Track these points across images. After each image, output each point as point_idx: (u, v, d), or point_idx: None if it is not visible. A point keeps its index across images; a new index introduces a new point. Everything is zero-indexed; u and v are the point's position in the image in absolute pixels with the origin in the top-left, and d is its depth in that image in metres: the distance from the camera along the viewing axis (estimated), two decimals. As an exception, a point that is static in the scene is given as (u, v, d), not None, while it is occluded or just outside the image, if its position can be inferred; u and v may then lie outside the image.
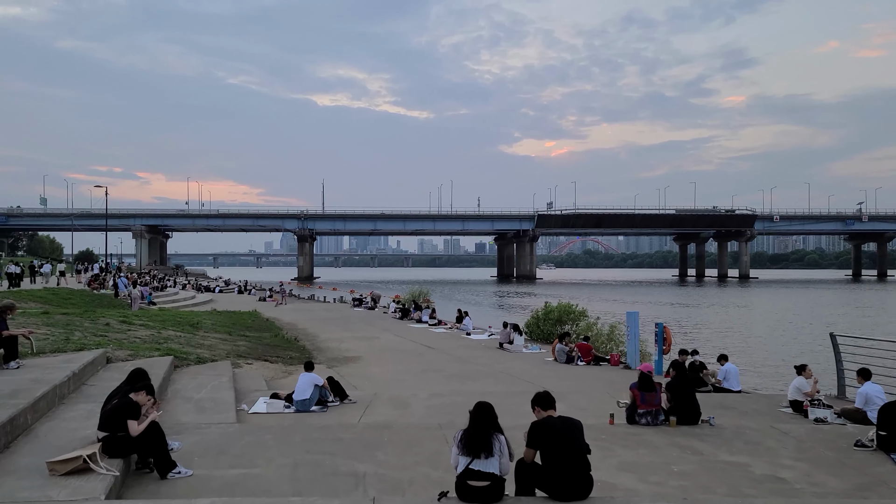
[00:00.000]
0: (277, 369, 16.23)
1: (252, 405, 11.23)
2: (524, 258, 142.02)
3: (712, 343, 28.27)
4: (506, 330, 21.71)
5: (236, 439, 8.24)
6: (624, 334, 21.61)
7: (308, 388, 11.11)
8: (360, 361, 18.38)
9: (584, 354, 18.30)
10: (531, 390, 14.29)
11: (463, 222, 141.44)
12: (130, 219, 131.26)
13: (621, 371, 17.18)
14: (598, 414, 10.94)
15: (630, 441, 8.53)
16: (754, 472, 7.25)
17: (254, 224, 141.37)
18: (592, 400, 12.31)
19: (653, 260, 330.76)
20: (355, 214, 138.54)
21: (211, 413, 9.74)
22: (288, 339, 23.25)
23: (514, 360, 19.09)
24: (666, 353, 16.95)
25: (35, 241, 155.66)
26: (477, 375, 16.04)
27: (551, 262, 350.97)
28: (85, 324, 18.03)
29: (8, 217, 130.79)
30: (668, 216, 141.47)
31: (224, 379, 12.47)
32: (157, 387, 10.36)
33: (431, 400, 12.15)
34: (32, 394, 8.06)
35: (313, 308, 43.65)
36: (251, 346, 19.70)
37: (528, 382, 14.89)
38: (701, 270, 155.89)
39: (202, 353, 16.06)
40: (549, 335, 23.84)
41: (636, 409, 9.38)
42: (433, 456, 7.71)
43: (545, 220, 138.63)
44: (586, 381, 15.39)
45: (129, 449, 6.49)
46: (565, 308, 24.43)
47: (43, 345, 12.51)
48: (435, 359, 19.15)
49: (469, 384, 14.68)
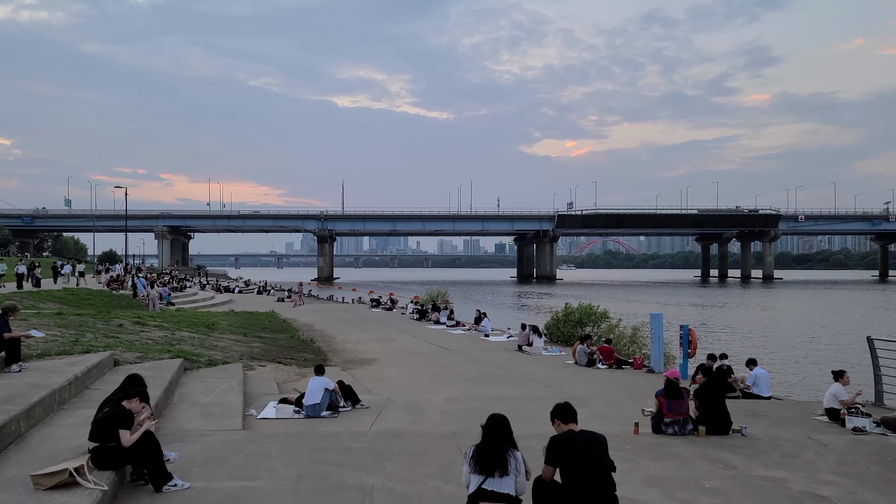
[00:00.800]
0: (291, 372, 15.87)
1: (261, 410, 10.84)
2: (544, 259, 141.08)
3: (738, 346, 27.49)
4: (525, 332, 21.20)
5: (240, 448, 7.84)
6: (647, 337, 21.01)
7: (318, 393, 10.71)
8: (375, 364, 17.98)
9: (605, 358, 17.74)
10: (551, 395, 13.81)
11: (482, 223, 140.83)
12: (152, 220, 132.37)
13: (645, 375, 16.62)
14: (621, 422, 10.42)
15: (656, 452, 8.00)
16: (793, 489, 6.70)
17: (274, 225, 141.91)
18: (615, 406, 11.78)
19: (674, 261, 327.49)
20: (375, 215, 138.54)
21: (216, 419, 9.35)
22: (304, 340, 22.94)
23: (534, 362, 18.58)
24: (691, 356, 16.35)
25: (60, 243, 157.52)
26: (495, 379, 15.56)
27: (571, 262, 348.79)
28: (98, 325, 17.79)
29: (33, 218, 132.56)
30: (690, 216, 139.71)
31: (234, 382, 12.10)
32: (163, 391, 10.03)
33: (447, 405, 11.70)
34: (28, 399, 7.72)
35: (331, 309, 43.40)
36: (266, 348, 19.39)
37: (548, 387, 14.39)
38: (724, 271, 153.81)
39: (215, 356, 15.73)
40: (570, 337, 23.28)
41: (662, 418, 8.84)
42: (446, 467, 7.25)
43: (565, 220, 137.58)
44: (608, 385, 14.85)
45: (120, 460, 6.10)
46: (586, 309, 23.85)
47: (49, 347, 12.23)
48: (452, 361, 18.69)
49: (486, 388, 14.21)
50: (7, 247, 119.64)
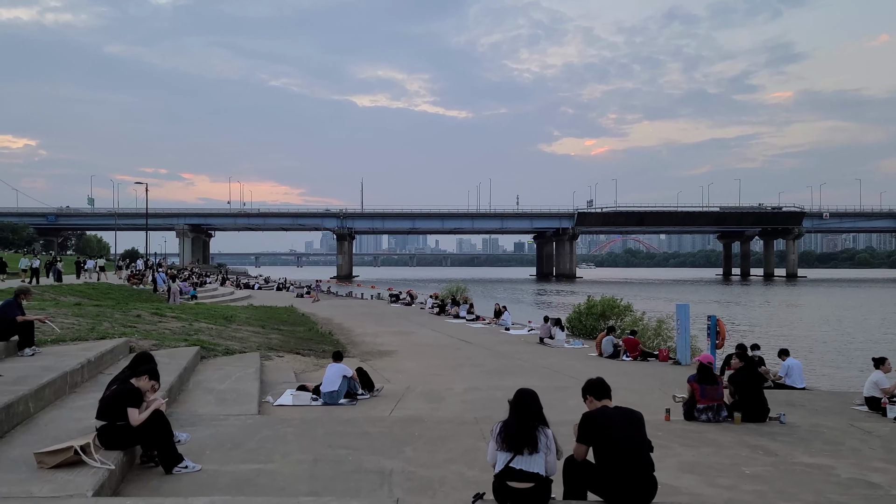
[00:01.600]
0: (309, 362, 15.62)
1: (278, 397, 10.58)
2: (564, 257, 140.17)
3: (766, 340, 26.84)
4: (546, 324, 20.78)
5: (254, 432, 7.56)
6: (672, 329, 20.51)
7: (336, 380, 10.42)
8: (394, 355, 17.68)
9: (630, 350, 17.30)
10: (575, 385, 13.34)
11: (502, 220, 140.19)
12: (174, 218, 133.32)
13: (671, 367, 16.16)
14: (650, 410, 9.96)
15: (690, 439, 7.59)
16: (841, 476, 6.27)
17: (293, 223, 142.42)
18: (643, 396, 11.35)
19: (695, 259, 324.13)
20: (394, 213, 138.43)
21: (231, 404, 9.09)
22: (322, 333, 22.70)
23: (556, 355, 18.18)
24: (719, 347, 15.85)
25: (83, 241, 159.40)
26: (517, 370, 15.19)
27: (591, 261, 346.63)
28: (115, 315, 17.66)
29: (57, 216, 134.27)
30: (712, 214, 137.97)
31: (250, 370, 11.86)
32: (177, 376, 9.79)
33: (467, 394, 11.36)
34: (37, 381, 7.50)
35: (350, 304, 43.21)
36: (284, 339, 19.17)
37: (572, 378, 13.98)
38: (746, 269, 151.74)
39: (232, 345, 15.52)
40: (592, 330, 22.83)
41: (695, 404, 8.42)
42: (468, 452, 6.91)
43: (585, 218, 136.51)
44: (635, 377, 14.41)
45: (129, 440, 5.82)
46: (609, 302, 23.37)
47: (65, 333, 12.07)
48: (472, 353, 18.34)
49: (508, 379, 13.83)
50: (32, 244, 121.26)
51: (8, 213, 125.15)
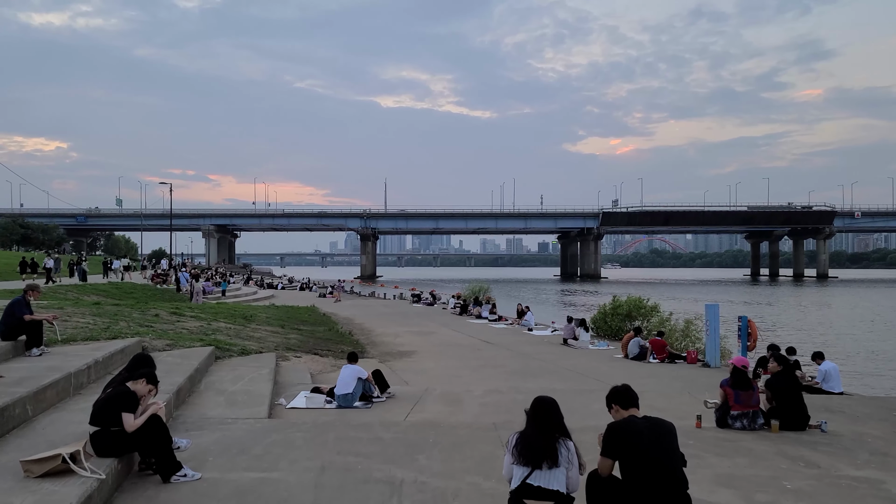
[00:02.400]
0: (326, 363, 15.30)
1: (291, 399, 10.24)
2: (588, 257, 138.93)
3: (798, 342, 26.02)
4: (570, 325, 20.27)
5: (262, 437, 7.21)
6: (701, 330, 19.89)
7: (351, 382, 10.05)
8: (414, 356, 17.30)
9: (657, 351, 16.73)
10: (601, 388, 12.88)
11: (525, 220, 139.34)
12: (200, 219, 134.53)
13: (700, 369, 15.57)
14: (679, 415, 9.49)
15: (724, 448, 7.09)
16: (891, 491, 5.74)
17: (317, 223, 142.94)
18: (671, 400, 10.85)
19: (723, 259, 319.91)
20: (417, 213, 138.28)
21: (241, 407, 8.77)
22: (342, 333, 22.43)
23: (580, 356, 17.67)
24: (751, 349, 15.24)
25: (112, 241, 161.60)
26: (540, 372, 14.73)
27: (616, 261, 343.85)
28: (133, 314, 17.52)
29: (87, 217, 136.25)
30: (739, 213, 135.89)
31: (264, 371, 11.54)
32: (188, 377, 9.50)
33: (487, 397, 10.93)
34: (39, 382, 7.22)
35: (372, 304, 42.96)
36: (302, 340, 18.90)
37: (597, 380, 13.50)
38: (775, 269, 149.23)
39: (249, 345, 15.26)
40: (618, 331, 22.27)
41: (729, 411, 7.91)
42: (485, 461, 6.48)
43: (610, 217, 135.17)
44: (662, 379, 13.88)
45: (123, 447, 5.49)
46: (635, 302, 22.77)
47: (76, 332, 11.86)
48: (494, 354, 17.91)
49: (530, 381, 13.39)
50: (62, 245, 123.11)
51: (39, 214, 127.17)
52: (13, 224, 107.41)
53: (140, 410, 5.63)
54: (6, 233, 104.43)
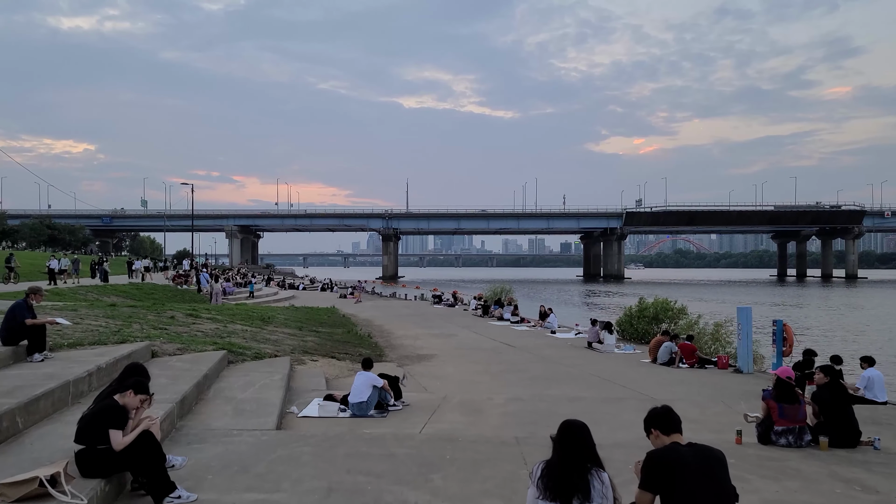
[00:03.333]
0: (343, 367, 14.85)
1: (304, 408, 9.79)
2: (611, 257, 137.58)
3: (835, 347, 25.08)
4: (594, 328, 19.64)
5: (267, 452, 6.73)
6: (731, 334, 19.17)
7: (365, 390, 9.56)
8: (433, 360, 16.80)
9: (687, 356, 16.06)
10: (629, 396, 12.28)
11: (548, 220, 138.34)
12: (223, 219, 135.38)
13: (732, 376, 14.88)
14: (713, 428, 8.89)
15: (770, 469, 6.48)
16: (964, 524, 5.12)
17: (339, 223, 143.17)
18: (704, 410, 10.22)
19: (748, 259, 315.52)
20: (439, 213, 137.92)
21: (249, 417, 8.30)
22: (361, 335, 21.98)
23: (606, 360, 17.04)
24: (786, 354, 14.52)
25: (137, 242, 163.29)
26: (563, 378, 14.14)
27: (640, 261, 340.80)
28: (148, 316, 17.21)
29: (112, 218, 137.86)
30: (766, 213, 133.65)
31: (277, 377, 11.09)
32: (194, 384, 9.07)
33: (509, 405, 10.38)
34: (31, 391, 6.81)
35: (392, 305, 42.55)
36: (320, 342, 18.48)
37: (624, 387, 12.89)
38: (802, 270, 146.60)
39: (264, 349, 14.84)
40: (644, 334, 21.56)
41: (772, 426, 7.28)
42: (506, 483, 5.94)
43: (634, 217, 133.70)
44: (693, 386, 13.23)
45: (111, 466, 5.04)
46: (662, 304, 22.04)
47: (84, 336, 11.50)
48: (516, 358, 17.34)
49: (554, 387, 12.81)
50: (88, 245, 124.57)
51: (66, 216, 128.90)
52: (40, 225, 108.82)
53: (130, 426, 5.18)
54: (34, 234, 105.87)
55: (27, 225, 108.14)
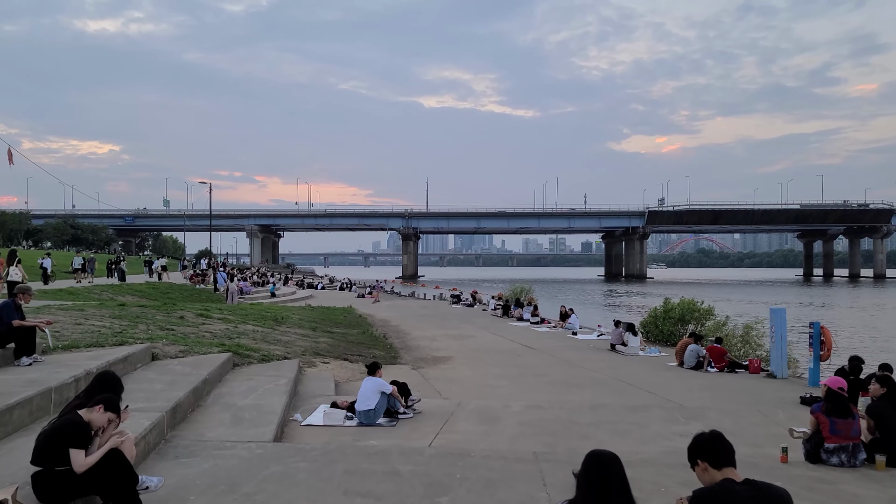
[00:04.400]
0: (355, 370, 14.23)
1: (308, 415, 9.19)
2: (633, 256, 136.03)
3: (869, 350, 24.06)
4: (618, 329, 18.88)
5: (259, 468, 6.12)
6: (762, 336, 18.30)
7: (372, 397, 8.94)
8: (449, 362, 16.15)
9: (715, 359, 15.25)
10: (655, 403, 11.51)
11: (569, 220, 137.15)
12: (243, 219, 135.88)
13: (764, 381, 14.05)
14: (751, 441, 8.15)
15: (822, 492, 5.74)
16: None
17: (359, 223, 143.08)
18: (739, 420, 9.45)
19: (772, 259, 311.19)
20: (459, 213, 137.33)
21: (247, 426, 7.71)
22: (376, 336, 21.41)
23: (630, 364, 16.28)
24: (824, 359, 13.66)
25: (159, 241, 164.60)
26: (585, 382, 13.42)
27: (662, 261, 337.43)
28: (157, 317, 16.74)
29: (135, 218, 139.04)
30: (791, 211, 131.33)
31: (282, 381, 10.50)
32: (191, 391, 8.50)
33: (527, 413, 9.69)
34: (5, 400, 6.26)
35: (411, 305, 41.96)
36: (333, 344, 17.92)
37: (650, 393, 12.15)
38: (829, 270, 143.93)
39: (274, 350, 14.29)
40: (670, 336, 20.75)
41: (822, 443, 6.53)
42: (523, 508, 5.27)
43: (656, 216, 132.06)
44: (723, 392, 12.45)
45: (72, 491, 4.45)
46: (688, 305, 21.20)
47: (81, 338, 10.99)
48: (536, 361, 16.64)
49: (575, 392, 12.11)
50: (111, 245, 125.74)
51: (89, 216, 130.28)
52: (64, 225, 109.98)
53: (96, 444, 4.58)
54: (57, 233, 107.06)
55: (51, 225, 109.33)
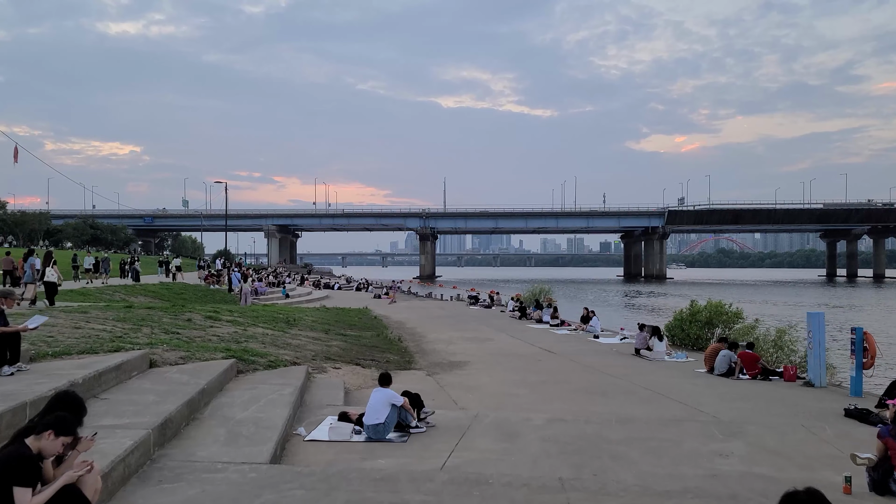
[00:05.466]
0: (368, 376, 13.55)
1: (313, 428, 8.51)
2: (653, 257, 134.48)
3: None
4: (642, 333, 18.04)
5: (250, 496, 5.43)
6: (796, 341, 17.38)
7: (382, 410, 8.24)
8: (466, 367, 15.42)
9: (748, 366, 14.37)
10: (687, 416, 10.60)
11: (587, 219, 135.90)
12: (261, 219, 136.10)
13: (802, 390, 13.17)
14: (801, 463, 7.35)
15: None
16: None
17: (377, 223, 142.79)
18: (785, 437, 8.62)
19: (793, 259, 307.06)
20: (476, 212, 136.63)
21: (242, 444, 7.03)
22: (391, 339, 20.74)
23: (657, 370, 15.45)
24: (867, 367, 12.75)
25: (179, 242, 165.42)
26: (610, 390, 12.62)
27: (681, 261, 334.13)
28: (164, 319, 16.14)
29: (154, 218, 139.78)
30: (815, 211, 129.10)
31: (288, 390, 9.83)
32: (187, 403, 7.84)
33: (551, 427, 8.93)
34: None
35: (427, 306, 41.26)
36: (346, 347, 17.26)
37: (681, 403, 11.32)
38: (853, 270, 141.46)
39: (283, 355, 13.65)
40: (697, 340, 19.86)
41: (892, 471, 5.74)
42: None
43: (676, 216, 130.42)
44: (760, 403, 11.60)
45: (17, 534, 3.77)
46: (715, 308, 20.28)
47: (75, 343, 10.38)
48: (557, 366, 15.87)
49: (601, 402, 11.32)
50: (130, 245, 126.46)
51: (109, 216, 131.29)
52: (83, 225, 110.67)
53: (51, 476, 3.90)
54: (77, 233, 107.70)
55: (70, 225, 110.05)
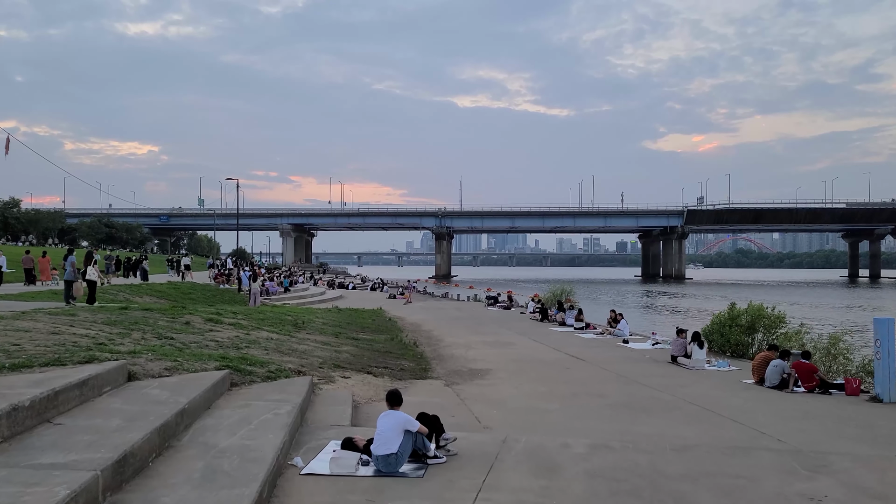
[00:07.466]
0: (380, 386, 12.17)
1: (312, 456, 7.14)
2: (671, 257, 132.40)
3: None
4: (680, 339, 16.54)
5: (216, 570, 4.05)
6: (850, 349, 15.81)
7: (394, 437, 6.84)
8: (488, 377, 14.02)
9: (804, 378, 12.87)
10: (752, 442, 8.34)
11: (605, 219, 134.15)
12: (277, 218, 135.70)
13: (869, 406, 11.62)
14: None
15: None
16: None
17: (392, 222, 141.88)
18: (883, 473, 7.13)
19: (813, 260, 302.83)
20: (493, 212, 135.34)
21: (221, 484, 5.64)
22: (406, 343, 19.39)
23: (698, 380, 13.96)
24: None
25: (194, 240, 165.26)
26: (652, 406, 11.15)
27: (699, 261, 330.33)
28: (159, 322, 14.88)
29: (169, 217, 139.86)
30: (837, 210, 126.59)
31: (286, 408, 8.46)
32: (158, 429, 6.49)
33: (595, 457, 7.49)
34: None
35: (444, 307, 39.86)
36: (357, 353, 15.92)
37: (737, 423, 9.83)
38: (876, 270, 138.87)
39: (286, 363, 12.31)
40: (737, 347, 18.32)
41: None
42: None
43: (695, 215, 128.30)
44: (828, 423, 10.08)
45: None
46: (756, 311, 18.71)
47: (41, 353, 9.01)
48: (587, 376, 14.43)
49: (643, 422, 9.86)
50: (145, 244, 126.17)
51: (125, 214, 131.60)
52: (98, 223, 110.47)
53: None
54: (92, 232, 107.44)
55: (85, 223, 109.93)
